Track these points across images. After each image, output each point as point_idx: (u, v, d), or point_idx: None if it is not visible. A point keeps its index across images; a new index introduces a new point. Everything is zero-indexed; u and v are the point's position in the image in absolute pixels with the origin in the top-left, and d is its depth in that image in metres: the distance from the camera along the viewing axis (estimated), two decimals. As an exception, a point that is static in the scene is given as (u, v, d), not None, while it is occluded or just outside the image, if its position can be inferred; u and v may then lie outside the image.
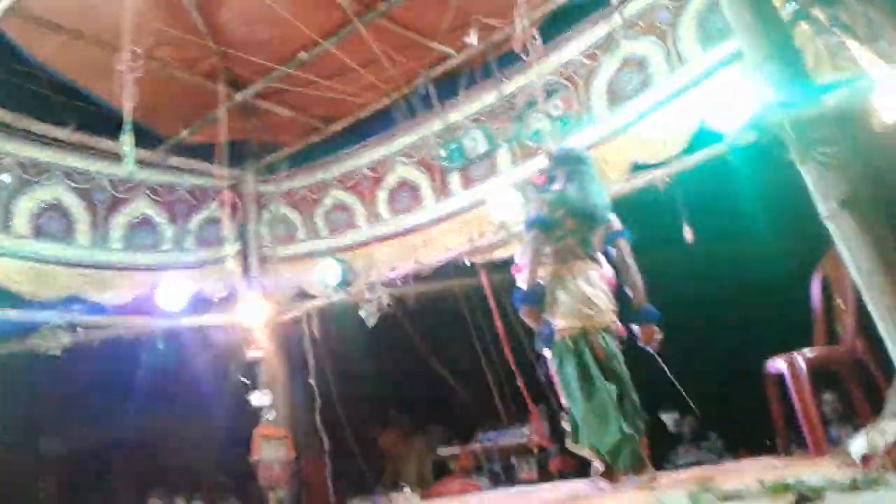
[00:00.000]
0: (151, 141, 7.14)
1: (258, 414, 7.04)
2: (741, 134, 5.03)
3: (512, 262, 6.40)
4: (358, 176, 7.69)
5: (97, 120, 6.74)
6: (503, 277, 6.97)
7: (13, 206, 6.36)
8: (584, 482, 4.46)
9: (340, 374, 7.22)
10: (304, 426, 7.24)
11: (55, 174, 6.67)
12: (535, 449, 6.59)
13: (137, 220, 7.19)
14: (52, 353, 6.10)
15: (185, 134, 7.22)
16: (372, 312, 7.09)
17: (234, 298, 7.50)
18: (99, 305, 6.60)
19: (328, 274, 7.31)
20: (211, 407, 7.44)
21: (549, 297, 4.09)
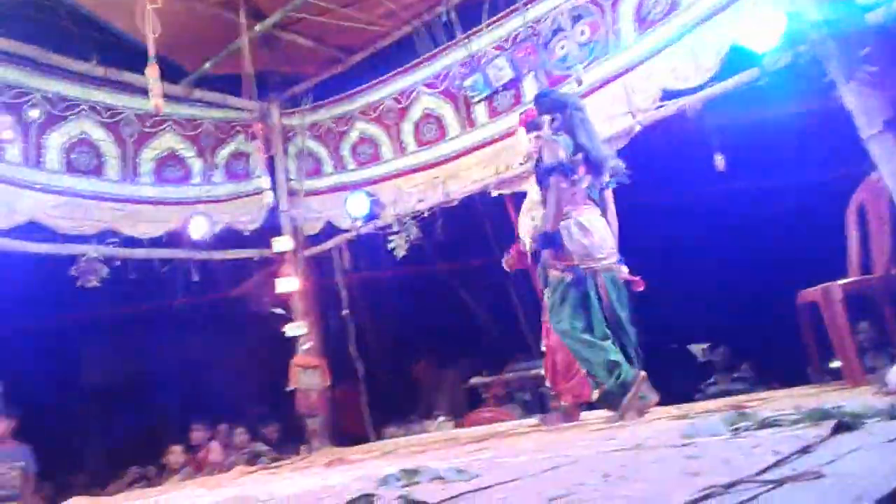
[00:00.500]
0: (175, 74, 7.10)
1: (294, 344, 7.19)
2: (775, 56, 4.90)
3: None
4: (382, 107, 7.61)
5: (121, 54, 6.71)
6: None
7: (44, 141, 6.41)
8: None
9: (372, 305, 7.32)
10: (338, 356, 7.40)
11: (83, 109, 6.69)
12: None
13: (165, 154, 7.23)
14: (90, 285, 6.23)
15: (207, 66, 7.17)
16: (400, 245, 7.13)
17: (264, 232, 7.57)
18: (133, 239, 6.69)
19: (356, 207, 7.33)
20: (247, 338, 7.61)
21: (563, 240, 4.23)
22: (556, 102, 4.60)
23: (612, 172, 4.54)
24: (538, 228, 4.65)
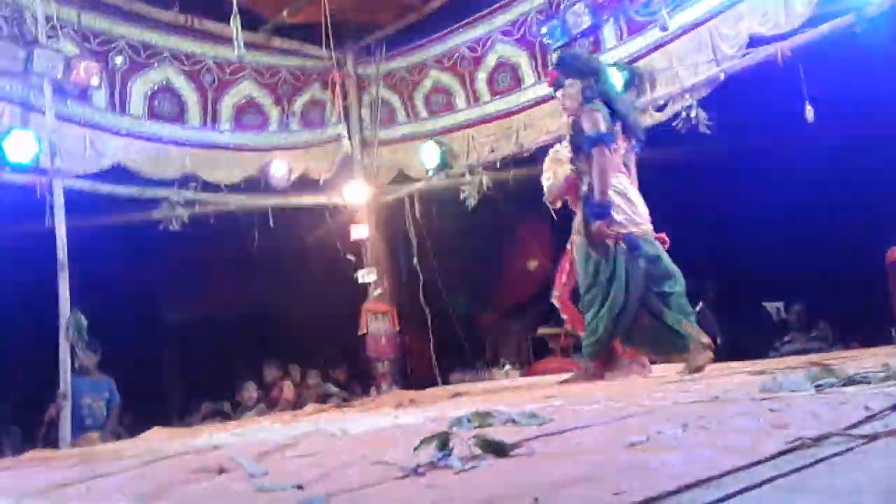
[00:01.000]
0: (254, 22, 7.17)
1: (365, 290, 7.33)
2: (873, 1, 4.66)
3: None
4: (457, 56, 7.54)
5: (202, 2, 6.80)
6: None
7: (128, 88, 6.59)
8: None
9: (442, 253, 7.37)
10: (408, 302, 7.52)
11: (165, 57, 6.83)
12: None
13: (244, 101, 7.36)
14: (172, 228, 6.45)
15: (285, 14, 7.21)
16: (471, 194, 7.13)
17: (338, 179, 7.66)
18: (212, 184, 6.87)
19: (428, 156, 7.34)
20: (320, 282, 7.78)
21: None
22: (586, 67, 4.56)
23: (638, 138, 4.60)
24: (553, 188, 4.98)
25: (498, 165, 7.06)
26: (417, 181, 7.62)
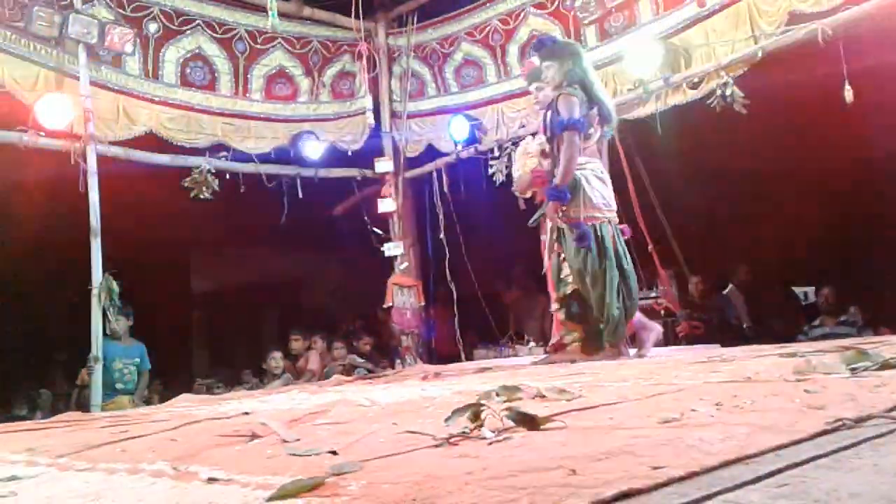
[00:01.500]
0: (286, -9, 7.15)
1: (391, 263, 7.35)
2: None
3: (647, 121, 6.22)
4: (489, 28, 7.46)
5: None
6: (638, 137, 6.77)
7: (161, 55, 6.62)
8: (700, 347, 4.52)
9: (468, 229, 7.35)
10: (433, 277, 7.53)
11: (198, 24, 6.84)
12: (661, 312, 6.57)
13: (275, 71, 7.35)
14: (202, 196, 6.49)
15: (317, -17, 7.19)
16: (500, 170, 7.10)
17: (366, 152, 7.66)
18: (243, 153, 6.90)
19: (457, 130, 7.30)
20: (346, 255, 7.82)
21: (577, 192, 4.41)
22: (565, 51, 4.69)
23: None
24: (522, 179, 5.14)
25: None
26: (446, 155, 7.59)
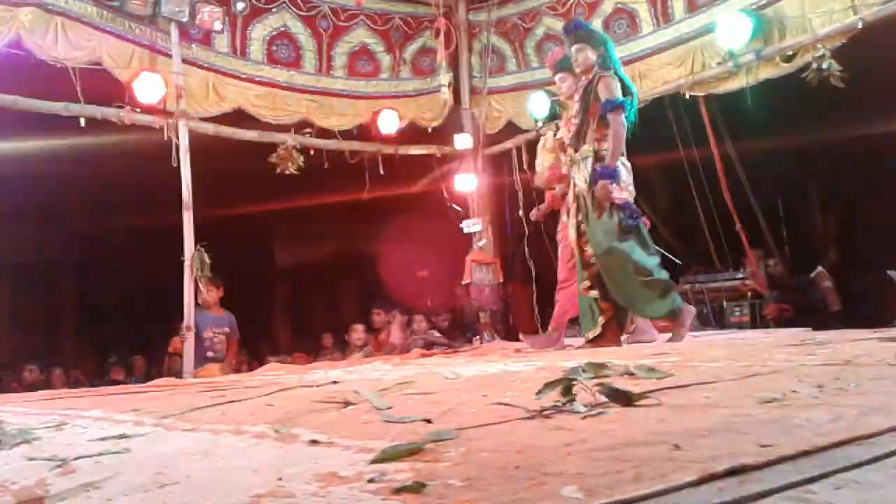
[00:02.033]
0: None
1: (470, 240, 7.37)
2: None
3: (738, 93, 6.03)
4: (571, 2, 7.32)
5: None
6: (726, 112, 6.56)
7: (249, 33, 6.77)
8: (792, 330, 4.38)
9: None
10: (511, 254, 7.51)
11: (283, 3, 6.95)
12: (748, 294, 6.40)
13: (357, 48, 7.42)
14: (287, 172, 6.64)
15: (400, -40, 7.21)
16: (581, 145, 6.99)
17: (446, 128, 7.67)
18: (326, 130, 7.01)
19: (537, 106, 7.21)
20: (425, 231, 7.87)
21: (618, 175, 4.44)
22: (598, 37, 4.76)
23: None
24: (541, 175, 5.38)
25: (610, 116, 6.86)
26: (526, 131, 7.52)
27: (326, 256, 9.59)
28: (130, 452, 1.67)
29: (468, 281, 7.12)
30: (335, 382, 3.06)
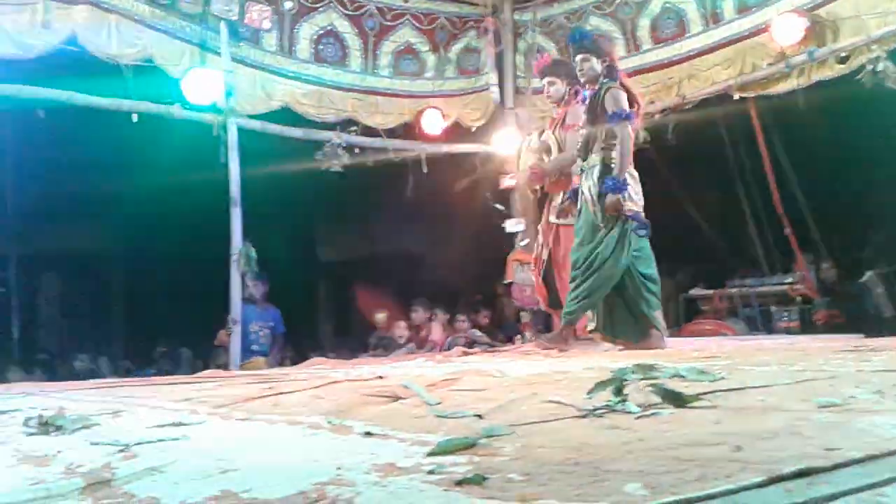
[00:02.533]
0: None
1: (512, 240, 7.34)
2: None
3: (791, 94, 5.93)
4: (619, 1, 7.26)
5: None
6: (777, 113, 6.45)
7: (296, 32, 6.84)
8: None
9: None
10: (554, 254, 7.44)
11: (331, 2, 7.01)
12: (797, 298, 6.27)
13: (403, 47, 7.45)
14: (333, 169, 6.70)
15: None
16: (627, 147, 6.92)
17: (490, 127, 7.66)
18: (371, 128, 7.06)
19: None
20: (468, 230, 7.87)
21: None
22: (602, 47, 4.80)
23: None
24: (523, 174, 5.38)
25: (657, 117, 6.80)
26: (570, 131, 7.46)
27: (370, 252, 9.66)
28: (189, 439, 1.71)
29: (510, 281, 7.09)
30: (380, 377, 3.09)
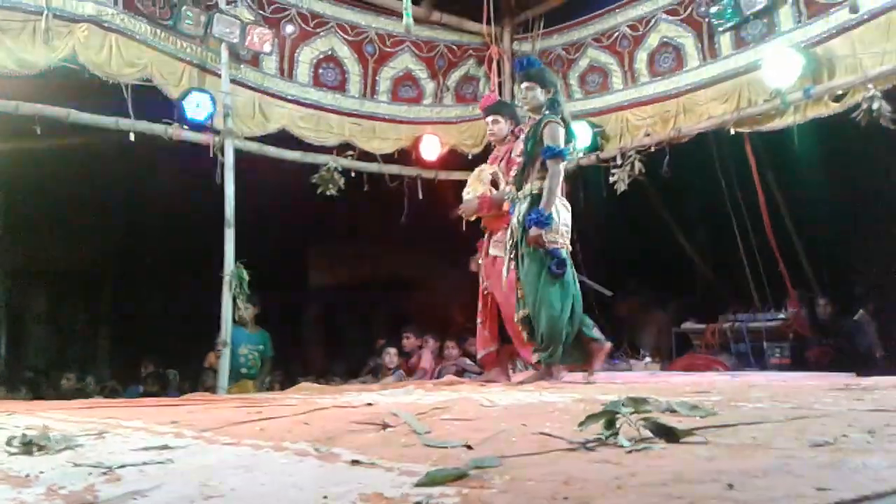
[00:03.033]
0: (415, -6, 7.27)
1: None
2: None
3: (784, 131, 5.98)
4: (617, 35, 7.34)
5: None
6: (771, 150, 6.50)
7: (297, 55, 6.89)
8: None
9: (584, 237, 7.24)
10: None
11: (332, 27, 7.07)
12: (790, 335, 6.27)
13: (402, 74, 7.50)
14: (328, 193, 6.71)
15: (446, -12, 7.30)
16: (622, 178, 6.98)
17: (486, 155, 7.67)
18: (367, 153, 7.08)
19: (580, 137, 7.18)
20: (460, 257, 7.86)
21: (553, 220, 4.52)
22: (549, 77, 4.81)
23: None
24: (470, 203, 5.27)
25: (652, 150, 6.85)
26: (568, 161, 7.49)
27: (360, 278, 9.64)
28: (174, 463, 1.68)
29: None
30: (369, 405, 3.06)
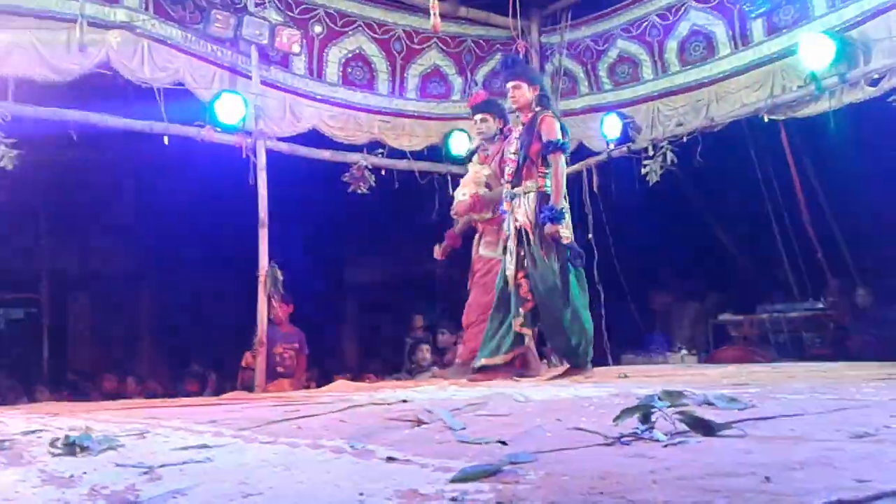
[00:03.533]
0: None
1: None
2: None
3: (820, 117, 5.86)
4: (646, 24, 7.25)
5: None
6: (807, 137, 6.38)
7: (325, 55, 6.93)
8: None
9: (618, 229, 7.19)
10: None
11: (359, 25, 7.10)
12: (830, 325, 6.16)
13: (430, 70, 7.51)
14: (359, 191, 6.75)
15: (473, -17, 7.28)
16: (654, 170, 6.90)
17: (516, 150, 7.66)
18: (397, 150, 7.11)
19: (610, 129, 7.15)
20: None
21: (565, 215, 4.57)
22: (535, 75, 4.89)
23: None
24: (462, 203, 5.25)
25: (684, 140, 6.76)
26: (597, 154, 7.45)
27: (394, 273, 9.68)
28: (213, 462, 1.70)
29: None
30: (404, 401, 3.07)
